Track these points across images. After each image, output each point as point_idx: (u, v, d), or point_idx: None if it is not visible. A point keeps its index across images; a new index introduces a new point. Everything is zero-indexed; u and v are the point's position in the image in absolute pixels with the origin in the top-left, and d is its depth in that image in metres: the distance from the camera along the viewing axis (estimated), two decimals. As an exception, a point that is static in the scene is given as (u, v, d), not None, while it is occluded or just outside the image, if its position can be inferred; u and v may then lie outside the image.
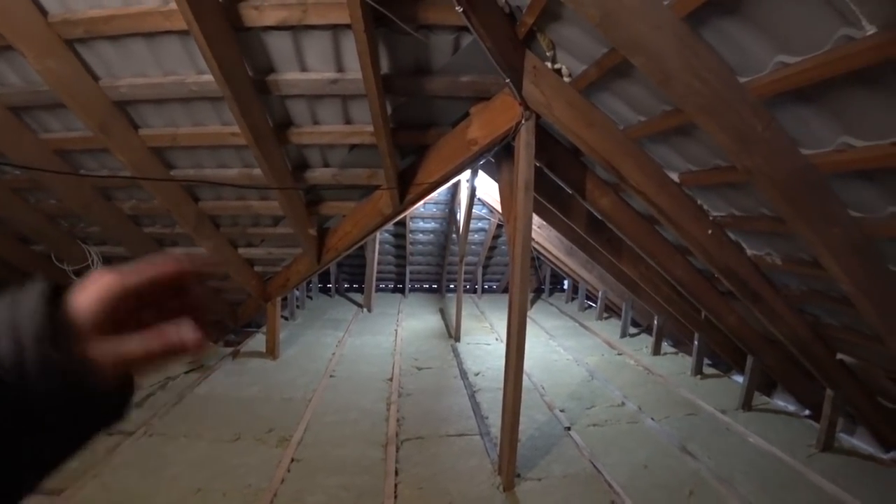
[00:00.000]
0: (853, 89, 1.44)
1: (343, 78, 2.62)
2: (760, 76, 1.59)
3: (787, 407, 4.05)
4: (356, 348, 5.51)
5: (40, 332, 0.30)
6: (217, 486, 2.69)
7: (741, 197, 2.34)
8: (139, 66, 2.55)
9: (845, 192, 1.80)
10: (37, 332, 0.30)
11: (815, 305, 2.72)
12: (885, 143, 1.48)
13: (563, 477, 2.93)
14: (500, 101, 2.76)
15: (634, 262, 4.07)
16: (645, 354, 5.57)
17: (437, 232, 8.60)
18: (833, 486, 2.83)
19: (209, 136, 2.97)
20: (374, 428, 3.49)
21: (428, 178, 3.20)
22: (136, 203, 3.58)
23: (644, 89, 2.09)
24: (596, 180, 3.17)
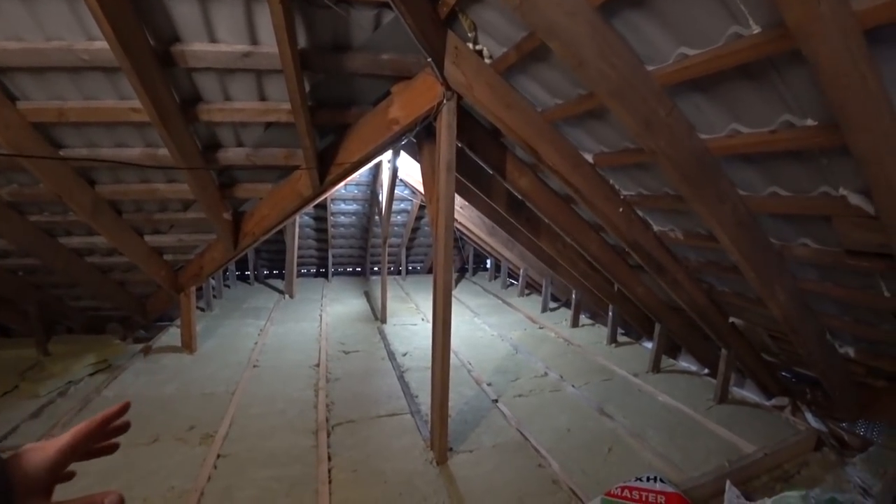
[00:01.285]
0: (741, 82, 1.60)
1: (257, 51, 2.46)
2: (664, 66, 1.71)
3: (690, 367, 4.50)
4: (280, 336, 5.33)
5: None
6: (136, 493, 2.51)
7: (647, 177, 2.53)
8: (13, 27, 2.22)
9: (734, 173, 2.01)
10: None
11: (710, 275, 3.03)
12: (765, 131, 1.66)
13: (493, 447, 3.07)
14: (422, 80, 2.73)
15: (552, 240, 4.27)
16: (564, 327, 5.90)
17: (359, 214, 8.44)
18: (728, 432, 3.22)
19: (105, 112, 2.66)
20: (303, 416, 3.42)
21: (349, 159, 3.12)
22: (16, 188, 3.16)
23: (560, 74, 2.17)
24: (515, 161, 3.26)
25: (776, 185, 1.93)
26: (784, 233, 2.17)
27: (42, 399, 3.57)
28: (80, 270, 4.05)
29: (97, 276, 4.23)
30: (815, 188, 1.79)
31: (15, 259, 3.93)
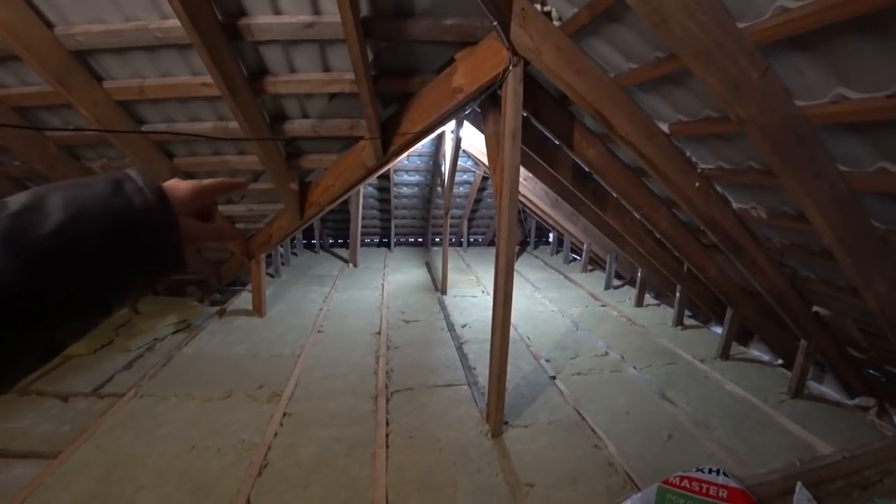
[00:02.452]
0: (853, 37, 1.39)
1: (320, 21, 2.45)
2: (759, 21, 1.52)
3: (762, 356, 4.20)
4: (343, 303, 5.52)
5: (161, 199, 0.44)
6: (210, 443, 2.73)
7: (730, 149, 2.31)
8: (95, 10, 2.34)
9: (834, 146, 1.78)
10: (159, 199, 0.43)
11: (794, 259, 2.76)
12: (880, 96, 1.44)
13: (549, 423, 3.04)
14: (487, 46, 2.62)
15: (619, 215, 4.07)
16: (628, 306, 5.68)
17: (421, 185, 8.48)
18: (801, 430, 2.98)
19: (179, 88, 2.78)
20: (364, 381, 3.54)
21: (412, 128, 3.09)
22: (106, 162, 3.41)
23: (636, 34, 2.00)
24: (583, 130, 3.09)
25: (886, 159, 1.69)
26: (891, 215, 1.91)
27: (132, 353, 3.93)
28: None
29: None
30: (937, 163, 1.56)
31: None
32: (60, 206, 0.38)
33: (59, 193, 0.39)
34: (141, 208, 0.42)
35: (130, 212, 0.41)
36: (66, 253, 0.37)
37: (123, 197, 0.42)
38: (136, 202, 0.42)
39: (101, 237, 0.39)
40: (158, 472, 2.48)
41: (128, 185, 0.43)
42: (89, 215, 0.39)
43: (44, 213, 0.37)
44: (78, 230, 0.38)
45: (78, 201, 0.39)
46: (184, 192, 0.49)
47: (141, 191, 0.43)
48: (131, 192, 0.42)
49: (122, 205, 0.41)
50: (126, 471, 2.48)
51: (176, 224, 0.45)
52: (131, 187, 0.43)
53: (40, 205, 0.38)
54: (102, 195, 0.41)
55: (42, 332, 0.38)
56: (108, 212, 0.40)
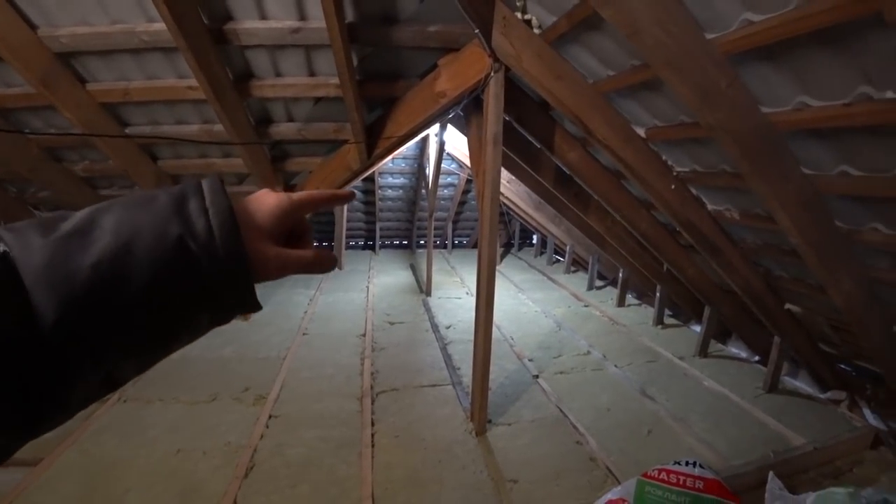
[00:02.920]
0: (813, 49, 1.47)
1: (306, 26, 2.48)
2: (727, 33, 1.60)
3: (740, 353, 4.32)
4: (328, 306, 5.54)
5: (228, 223, 0.37)
6: (197, 445, 2.73)
7: (704, 153, 2.40)
8: (80, 13, 2.34)
9: (799, 150, 1.87)
10: (224, 223, 0.37)
11: (767, 258, 2.87)
12: (838, 104, 1.53)
13: (532, 421, 3.10)
14: (469, 52, 2.68)
15: (601, 217, 4.16)
16: (610, 306, 5.79)
17: (406, 187, 8.51)
18: (776, 423, 3.10)
19: (165, 91, 2.79)
20: (350, 382, 3.57)
21: (396, 132, 3.13)
22: (88, 164, 3.39)
23: (613, 42, 2.07)
24: (564, 134, 3.17)
25: (847, 163, 1.78)
26: (853, 216, 2.01)
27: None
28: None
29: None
30: (892, 168, 1.65)
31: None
32: (111, 229, 0.34)
33: (116, 212, 0.35)
34: (201, 236, 0.35)
35: (189, 240, 0.35)
36: (107, 290, 0.32)
37: (183, 219, 0.35)
38: (197, 228, 0.36)
39: (151, 271, 0.34)
40: (145, 476, 2.48)
41: (191, 204, 0.36)
42: (142, 241, 0.34)
43: (92, 238, 0.33)
44: (124, 262, 0.33)
45: (132, 222, 0.34)
46: (267, 211, 0.41)
47: (205, 212, 0.36)
48: (193, 214, 0.36)
49: (178, 230, 0.35)
50: (112, 475, 2.48)
51: (243, 257, 0.37)
52: (195, 206, 0.36)
53: (92, 227, 0.34)
54: (161, 216, 0.35)
55: (83, 376, 0.33)
56: (162, 237, 0.34)
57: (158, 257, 0.34)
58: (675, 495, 2.27)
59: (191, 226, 0.35)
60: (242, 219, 0.39)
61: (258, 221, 0.41)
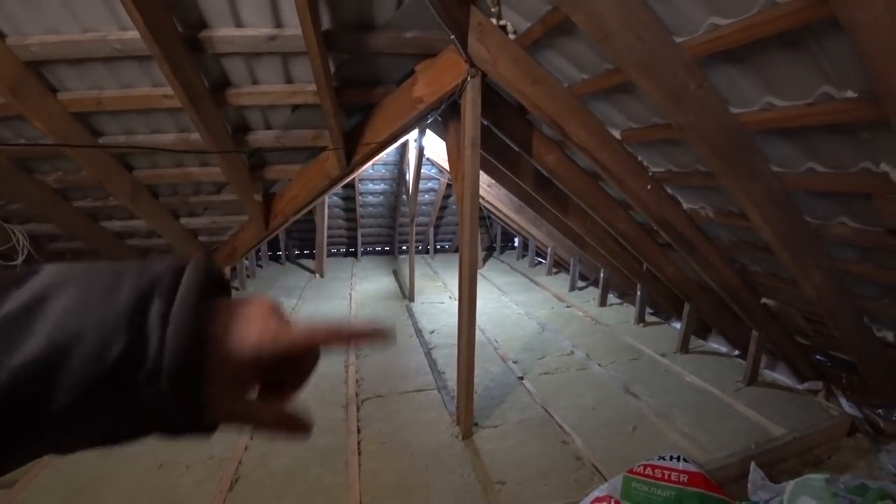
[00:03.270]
0: (776, 52, 1.53)
1: (282, 34, 2.47)
2: (694, 37, 1.64)
3: (720, 348, 4.42)
4: (311, 314, 5.49)
5: (184, 354, 0.29)
6: (180, 459, 2.68)
7: (678, 153, 2.46)
8: (51, 21, 2.29)
9: (768, 149, 1.93)
10: (180, 353, 0.29)
11: (742, 254, 2.94)
12: (802, 104, 1.59)
13: (518, 423, 3.11)
14: (446, 58, 2.71)
15: (580, 218, 4.21)
16: (592, 306, 5.86)
17: (387, 193, 8.49)
18: (756, 415, 3.16)
19: (139, 99, 2.74)
20: (334, 390, 3.54)
21: (375, 138, 3.14)
22: (61, 175, 3.31)
23: (587, 47, 2.11)
24: (542, 138, 3.21)
25: (813, 161, 1.85)
26: (821, 211, 2.08)
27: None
28: (122, 253, 4.24)
29: (138, 258, 4.42)
30: (855, 164, 1.71)
31: (63, 242, 4.15)
32: (50, 326, 0.28)
33: (69, 295, 0.30)
34: (148, 360, 0.29)
35: (131, 364, 0.29)
36: (22, 401, 0.27)
37: (134, 333, 0.29)
38: (148, 349, 0.29)
39: (78, 391, 0.28)
40: (125, 493, 2.43)
41: (152, 312, 0.30)
42: (76, 353, 0.28)
43: (26, 332, 0.28)
44: (49, 376, 0.28)
45: (77, 323, 0.29)
46: (242, 350, 0.32)
47: (162, 329, 0.29)
48: (150, 327, 0.29)
49: (123, 347, 0.29)
50: (91, 493, 2.42)
51: (193, 405, 0.31)
52: (155, 317, 0.30)
53: (35, 313, 0.29)
54: (111, 322, 0.29)
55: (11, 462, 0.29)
56: (100, 354, 0.28)
57: (91, 376, 0.28)
58: (661, 490, 2.31)
59: (141, 344, 0.29)
60: (210, 348, 0.31)
61: (228, 356, 0.32)
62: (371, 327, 0.37)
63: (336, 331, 0.36)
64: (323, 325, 0.35)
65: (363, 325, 0.36)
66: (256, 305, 0.35)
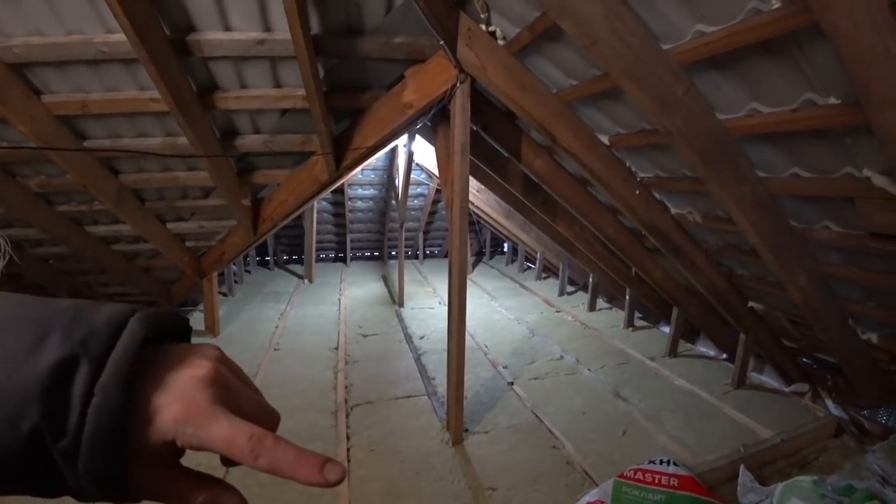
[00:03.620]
0: (761, 59, 1.56)
1: (271, 38, 2.46)
2: (681, 43, 1.67)
3: (708, 352, 4.45)
4: (299, 320, 5.44)
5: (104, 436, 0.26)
6: (161, 466, 2.63)
7: (665, 159, 2.48)
8: (35, 22, 2.26)
9: (753, 154, 1.96)
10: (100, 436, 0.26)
11: (729, 258, 2.97)
12: (786, 110, 1.62)
13: (508, 428, 3.11)
14: (435, 63, 2.71)
15: (569, 223, 4.23)
16: (581, 311, 5.88)
17: (376, 198, 8.48)
18: (744, 417, 3.19)
19: (125, 103, 2.71)
20: (323, 396, 3.51)
21: (364, 143, 3.13)
22: (44, 179, 3.25)
23: (575, 53, 2.13)
24: (530, 143, 3.23)
25: (798, 165, 1.88)
26: (806, 215, 2.11)
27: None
28: (107, 258, 4.18)
29: (123, 262, 4.35)
30: (839, 169, 1.74)
31: (46, 248, 4.07)
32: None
33: None
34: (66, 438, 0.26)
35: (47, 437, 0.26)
36: None
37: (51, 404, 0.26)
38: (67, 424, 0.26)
39: None
40: (108, 504, 2.37)
41: (77, 379, 0.26)
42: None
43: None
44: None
45: None
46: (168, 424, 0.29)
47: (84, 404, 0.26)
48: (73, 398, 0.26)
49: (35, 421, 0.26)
50: None
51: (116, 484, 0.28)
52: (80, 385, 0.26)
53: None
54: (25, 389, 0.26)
55: None
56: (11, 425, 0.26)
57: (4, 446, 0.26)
58: (652, 493, 2.31)
59: (59, 419, 0.26)
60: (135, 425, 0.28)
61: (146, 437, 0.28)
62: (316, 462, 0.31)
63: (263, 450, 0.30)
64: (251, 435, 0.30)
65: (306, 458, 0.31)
66: (198, 367, 0.31)
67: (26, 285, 4.50)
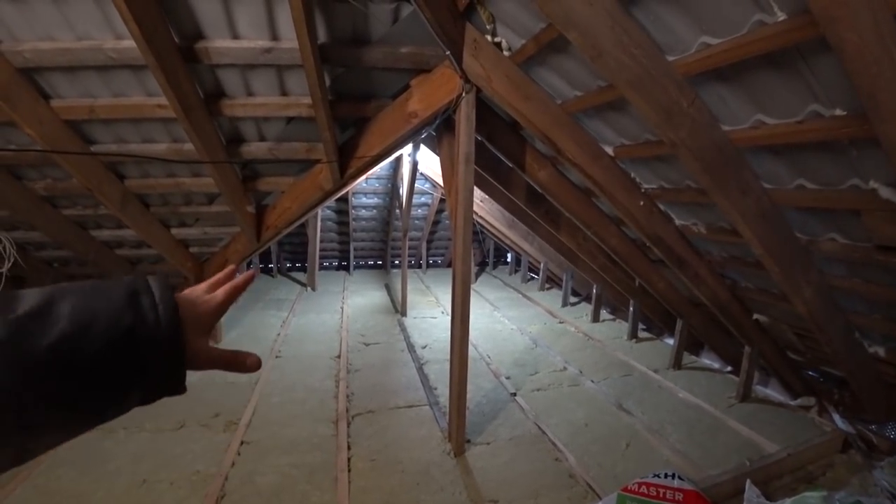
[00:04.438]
0: (766, 71, 1.56)
1: (278, 47, 2.49)
2: (686, 55, 1.67)
3: (712, 364, 4.42)
4: (301, 327, 5.43)
5: (174, 320, 0.44)
6: (163, 476, 2.61)
7: (669, 170, 2.48)
8: (45, 28, 2.29)
9: (758, 166, 1.96)
10: (171, 320, 0.44)
11: (733, 270, 2.96)
12: (791, 122, 1.62)
13: (510, 439, 3.08)
14: (441, 73, 2.73)
15: (572, 233, 4.23)
16: (584, 322, 5.85)
17: (380, 207, 8.50)
18: (749, 431, 3.16)
19: (132, 108, 2.73)
20: (324, 405, 3.48)
21: (369, 152, 3.14)
22: (50, 182, 3.28)
23: (579, 65, 2.14)
24: (534, 153, 3.24)
25: (803, 177, 1.87)
26: (811, 227, 2.10)
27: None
28: (110, 262, 4.19)
29: (127, 267, 4.36)
30: (844, 181, 1.74)
31: (50, 251, 4.09)
32: (68, 315, 0.38)
33: (72, 298, 0.39)
34: (151, 328, 0.42)
35: (140, 329, 0.41)
36: (66, 367, 0.37)
37: (136, 312, 0.42)
38: (148, 320, 0.42)
39: (105, 352, 0.39)
40: (106, 511, 2.35)
41: (144, 300, 0.43)
42: (97, 328, 0.39)
43: (50, 321, 0.37)
44: (82, 342, 0.38)
45: (89, 310, 0.39)
46: (207, 312, 0.51)
47: (155, 308, 0.43)
48: (146, 308, 0.42)
49: (131, 321, 0.41)
50: (70, 511, 2.34)
51: (183, 351, 0.45)
52: (147, 302, 0.43)
53: (49, 310, 0.38)
54: (116, 307, 0.41)
55: (24, 438, 0.37)
56: (116, 326, 0.40)
57: (112, 342, 0.39)
58: (655, 508, 2.28)
59: (142, 318, 0.42)
60: (186, 316, 0.46)
61: (199, 321, 0.49)
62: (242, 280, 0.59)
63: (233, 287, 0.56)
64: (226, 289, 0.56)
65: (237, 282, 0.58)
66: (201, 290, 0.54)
67: (30, 290, 4.50)
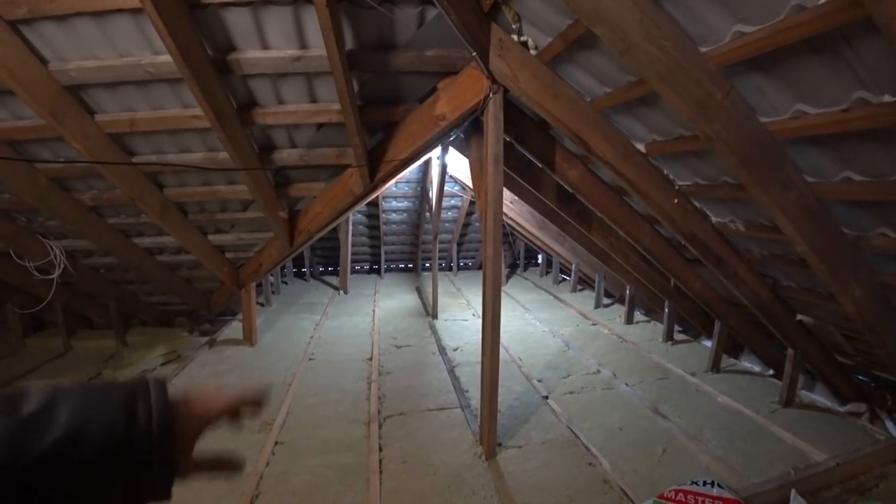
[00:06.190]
0: (806, 58, 1.49)
1: (306, 55, 2.55)
2: (719, 45, 1.62)
3: (753, 367, 4.24)
4: (334, 330, 5.51)
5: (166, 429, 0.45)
6: (199, 474, 2.68)
7: (704, 166, 2.40)
8: (89, 47, 2.42)
9: (800, 158, 1.87)
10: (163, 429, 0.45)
11: (775, 268, 2.84)
12: (836, 110, 1.54)
13: (543, 443, 3.03)
14: (467, 75, 2.73)
15: (604, 233, 4.15)
16: (618, 324, 5.72)
17: (410, 211, 8.56)
18: (794, 438, 3.00)
19: (170, 120, 2.86)
20: (356, 407, 3.52)
21: (398, 156, 3.17)
22: (96, 193, 3.45)
23: (608, 60, 2.10)
24: (564, 153, 3.19)
25: (850, 169, 1.78)
26: (860, 222, 2.00)
27: (120, 385, 3.88)
28: (151, 268, 4.37)
29: (167, 273, 4.54)
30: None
31: (96, 258, 4.30)
32: (63, 424, 0.40)
33: (73, 399, 0.42)
34: (143, 437, 0.43)
35: (132, 438, 0.43)
36: (60, 466, 0.39)
37: (130, 418, 0.43)
38: (140, 430, 0.43)
39: (94, 461, 0.41)
40: (148, 508, 2.43)
41: (140, 406, 0.44)
42: (92, 431, 0.41)
43: (45, 427, 0.39)
44: (77, 445, 0.40)
45: (87, 411, 0.42)
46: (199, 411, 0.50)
47: (149, 418, 0.44)
48: (141, 415, 0.44)
49: (124, 427, 0.43)
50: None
51: (172, 462, 0.46)
52: (143, 408, 0.44)
53: (48, 414, 0.40)
54: (111, 411, 0.43)
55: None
56: (110, 431, 0.42)
57: (105, 447, 0.41)
58: (694, 516, 2.20)
59: (135, 426, 0.43)
60: (179, 423, 0.47)
61: (188, 425, 0.49)
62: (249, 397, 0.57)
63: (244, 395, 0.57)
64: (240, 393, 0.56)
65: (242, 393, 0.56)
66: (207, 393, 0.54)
67: (78, 293, 4.75)
